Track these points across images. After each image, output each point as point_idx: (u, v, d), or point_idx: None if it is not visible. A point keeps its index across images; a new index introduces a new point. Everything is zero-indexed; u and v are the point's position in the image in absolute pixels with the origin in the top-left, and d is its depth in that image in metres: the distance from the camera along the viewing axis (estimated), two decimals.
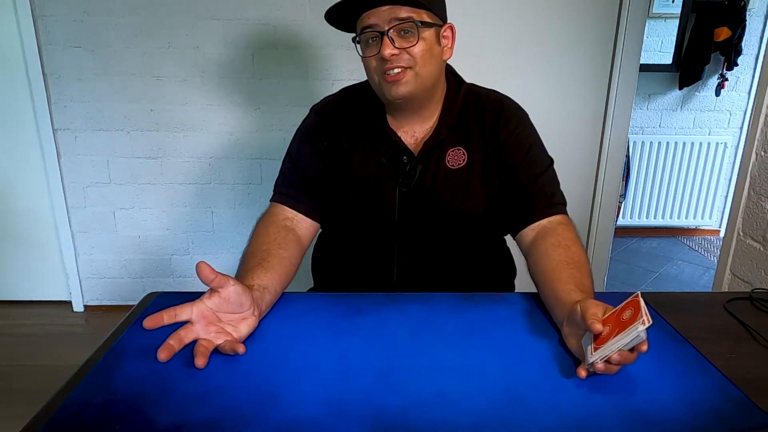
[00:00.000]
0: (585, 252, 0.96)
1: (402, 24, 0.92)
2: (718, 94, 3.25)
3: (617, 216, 2.62)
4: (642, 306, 0.68)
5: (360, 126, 1.07)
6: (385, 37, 0.92)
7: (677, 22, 3.18)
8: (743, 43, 3.09)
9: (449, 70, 1.10)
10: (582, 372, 0.72)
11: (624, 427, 0.65)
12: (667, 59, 3.25)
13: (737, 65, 3.14)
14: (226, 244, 2.47)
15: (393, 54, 0.93)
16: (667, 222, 3.50)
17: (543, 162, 1.06)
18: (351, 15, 0.98)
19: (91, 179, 2.35)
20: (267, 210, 1.08)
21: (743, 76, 3.26)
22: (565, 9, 2.13)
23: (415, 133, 1.05)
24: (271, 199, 1.09)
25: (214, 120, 2.30)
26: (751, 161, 1.54)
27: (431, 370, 0.76)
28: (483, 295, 0.99)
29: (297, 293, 0.96)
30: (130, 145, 2.31)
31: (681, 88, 3.24)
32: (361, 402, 0.69)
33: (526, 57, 2.18)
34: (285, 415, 0.66)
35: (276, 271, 0.90)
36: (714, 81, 3.24)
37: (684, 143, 3.33)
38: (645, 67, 2.88)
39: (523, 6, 2.13)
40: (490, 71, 1.32)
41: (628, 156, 2.68)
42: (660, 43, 3.23)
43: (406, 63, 0.95)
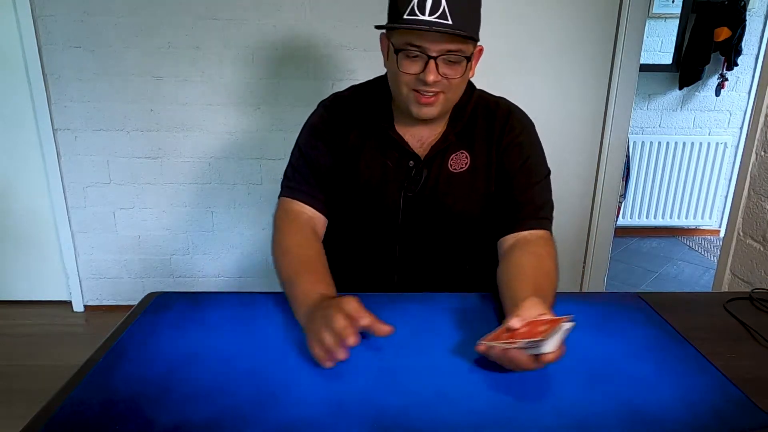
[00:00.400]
0: (557, 268, 0.96)
1: (451, 55, 0.91)
2: (718, 94, 3.25)
3: (617, 216, 2.62)
4: (561, 330, 0.69)
5: (368, 126, 1.07)
6: (431, 62, 0.91)
7: (677, 22, 3.18)
8: (743, 43, 3.08)
9: None
10: (481, 347, 0.74)
11: (624, 427, 0.65)
12: (667, 59, 3.25)
13: (737, 65, 3.14)
14: (226, 244, 2.47)
15: (436, 81, 0.92)
16: (667, 222, 3.50)
17: (539, 173, 1.06)
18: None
19: (91, 179, 2.35)
20: (284, 206, 1.06)
21: (743, 76, 3.26)
22: (565, 9, 2.13)
23: (422, 138, 1.05)
24: (285, 195, 1.07)
25: (214, 120, 2.30)
26: (751, 161, 1.54)
27: (431, 370, 0.76)
28: (483, 296, 0.99)
29: None
30: (130, 145, 2.31)
31: (681, 88, 3.24)
32: (361, 402, 0.69)
33: (526, 57, 2.18)
34: (285, 415, 0.66)
35: (329, 279, 0.93)
36: (714, 81, 3.24)
37: (684, 143, 3.33)
38: (645, 67, 2.87)
39: (523, 6, 2.13)
40: (490, 71, 1.32)
41: (628, 156, 2.67)
42: (660, 43, 3.23)
43: (442, 88, 0.94)
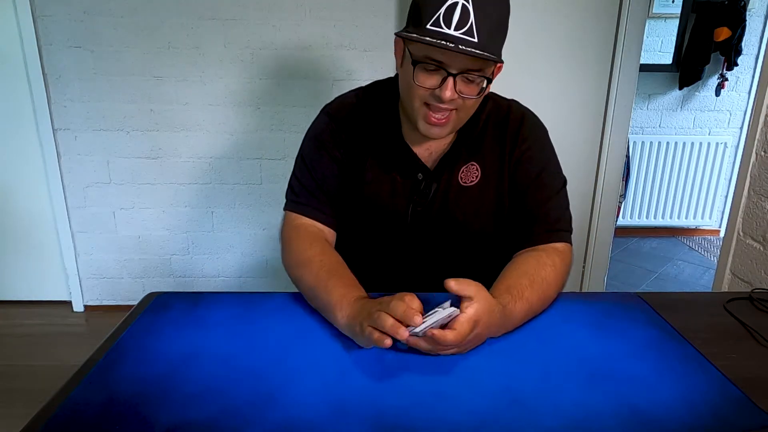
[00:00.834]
0: (557, 279, 0.93)
1: (471, 73, 0.87)
2: (718, 94, 3.25)
3: (617, 216, 2.61)
4: (439, 315, 0.73)
5: (375, 136, 1.03)
6: (450, 79, 0.86)
7: (677, 22, 3.18)
8: (743, 43, 3.08)
9: None
10: (404, 333, 0.72)
11: (624, 427, 0.65)
12: (667, 59, 3.25)
13: (737, 65, 3.14)
14: (226, 244, 2.47)
15: (453, 99, 0.88)
16: (667, 222, 3.50)
17: (553, 186, 1.02)
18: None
19: (91, 179, 2.35)
20: (292, 222, 1.02)
21: (743, 76, 3.25)
22: (565, 9, 2.13)
23: (431, 147, 1.02)
24: (291, 209, 1.04)
25: (214, 120, 2.30)
26: (751, 161, 1.54)
27: (431, 370, 0.76)
28: None
29: (297, 293, 0.96)
30: (130, 145, 2.31)
31: (681, 88, 3.24)
32: (361, 402, 0.69)
33: (525, 57, 2.18)
34: (284, 416, 0.66)
35: (359, 284, 0.92)
36: (714, 81, 3.24)
37: (684, 143, 3.33)
38: (645, 67, 2.87)
39: (523, 6, 2.12)
40: None
41: (628, 156, 2.67)
42: (660, 43, 3.23)
43: (455, 106, 0.90)
